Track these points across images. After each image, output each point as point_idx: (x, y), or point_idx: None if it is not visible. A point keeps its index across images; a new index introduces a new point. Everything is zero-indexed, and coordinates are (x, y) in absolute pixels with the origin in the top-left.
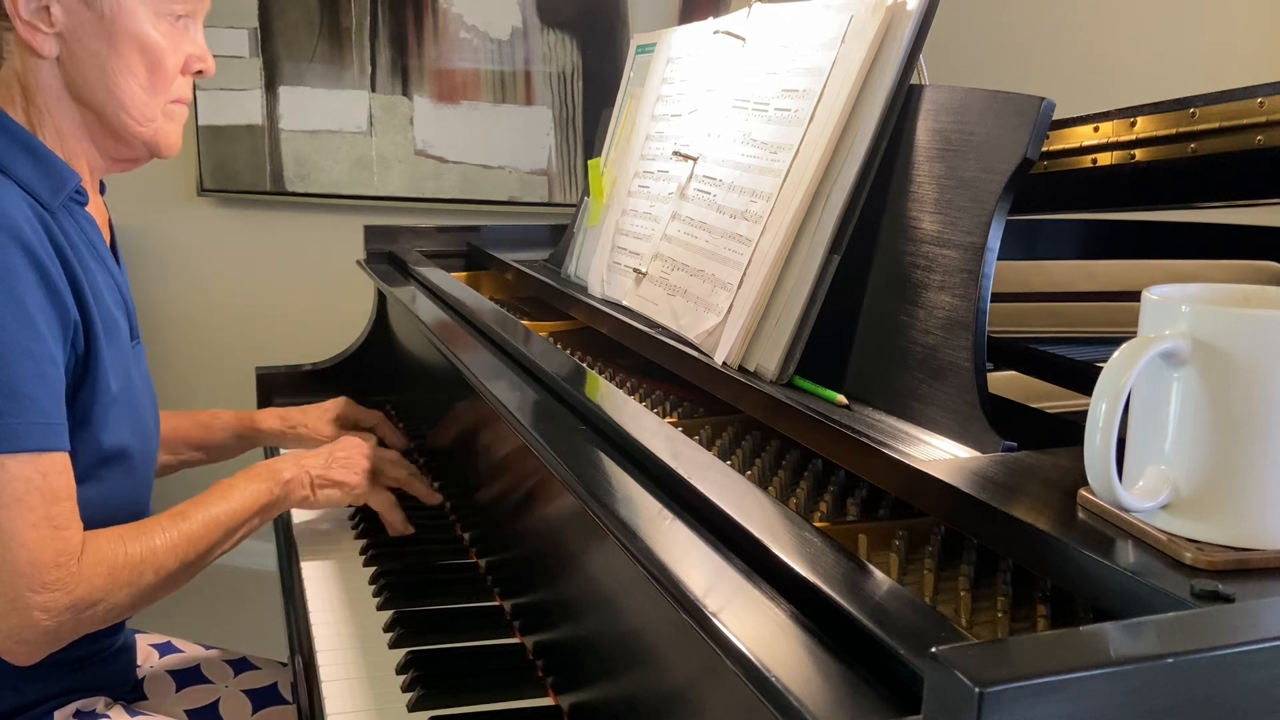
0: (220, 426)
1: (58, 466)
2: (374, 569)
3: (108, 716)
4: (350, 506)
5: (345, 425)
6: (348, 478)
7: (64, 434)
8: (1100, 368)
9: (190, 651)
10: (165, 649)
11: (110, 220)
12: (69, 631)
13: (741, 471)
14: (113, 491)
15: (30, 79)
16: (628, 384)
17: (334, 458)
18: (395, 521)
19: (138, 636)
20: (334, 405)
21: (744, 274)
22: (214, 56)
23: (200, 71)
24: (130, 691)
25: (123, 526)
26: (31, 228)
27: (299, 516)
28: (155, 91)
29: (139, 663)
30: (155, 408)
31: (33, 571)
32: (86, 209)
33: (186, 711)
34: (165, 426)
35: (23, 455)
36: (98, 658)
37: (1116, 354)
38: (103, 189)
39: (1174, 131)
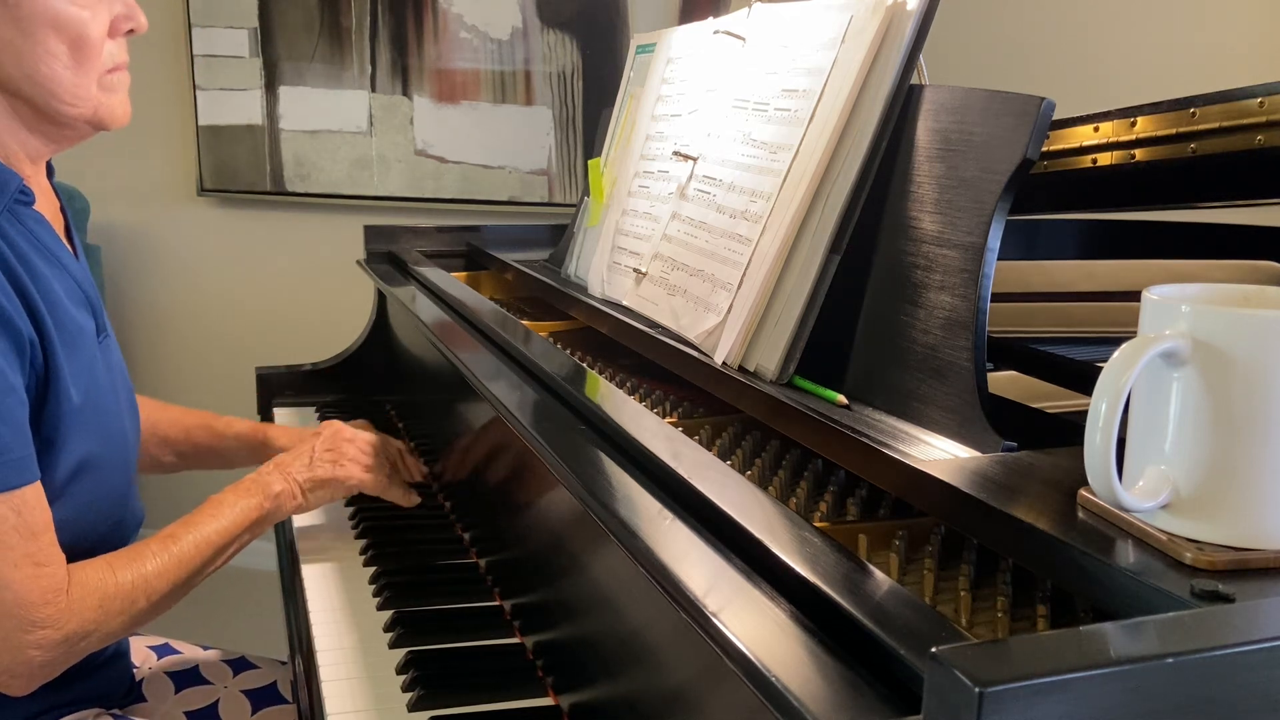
0: (233, 436)
1: (30, 501)
2: (374, 569)
3: None
4: (348, 505)
5: None
6: (335, 472)
7: (33, 465)
8: (1100, 368)
9: (188, 653)
10: (163, 650)
11: (62, 206)
12: (63, 662)
13: (741, 471)
14: (87, 504)
15: None
16: (628, 384)
17: (317, 454)
18: (397, 498)
19: (135, 639)
20: None
21: (744, 274)
22: (214, 56)
23: (132, 30)
24: (126, 695)
25: (111, 554)
26: None
27: (299, 518)
28: (83, 69)
29: (136, 664)
30: (132, 403)
31: (21, 612)
32: (34, 207)
33: (186, 713)
34: (176, 428)
35: None
36: (89, 668)
37: (1116, 354)
38: (50, 171)
39: (1174, 131)
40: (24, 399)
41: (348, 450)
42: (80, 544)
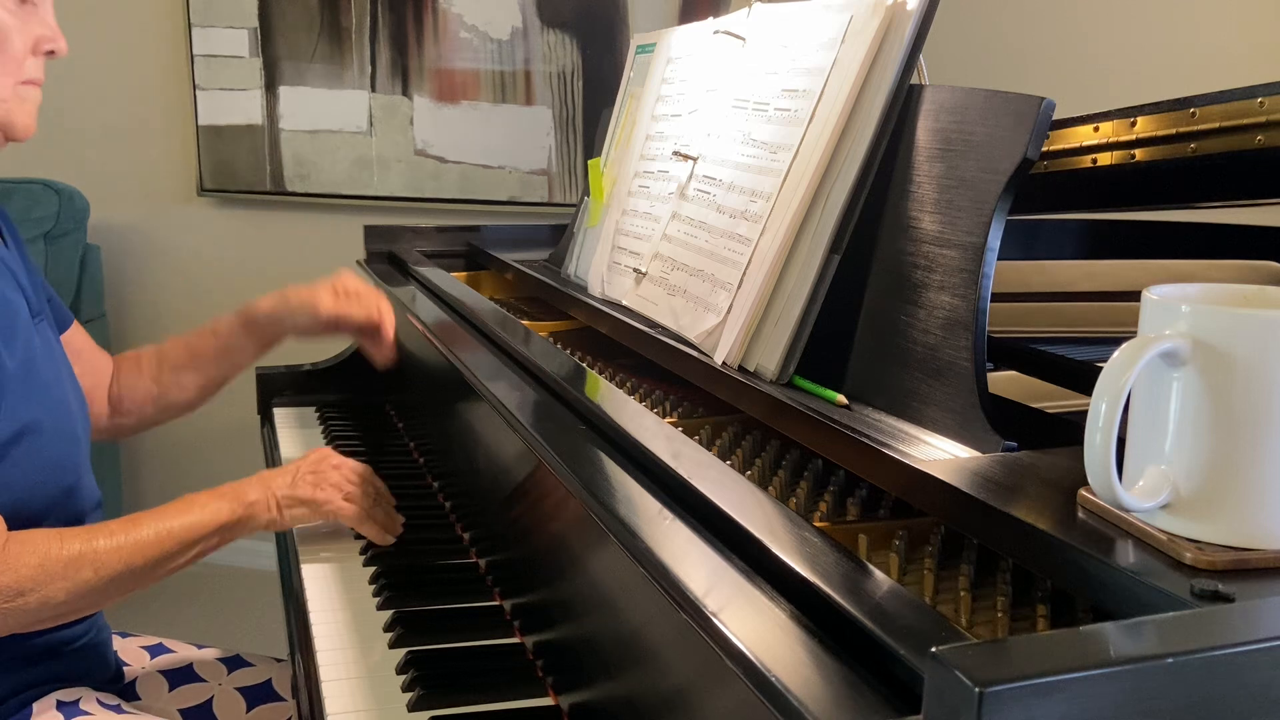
0: (225, 328)
1: None
2: (374, 569)
3: (89, 714)
4: None
5: (341, 296)
6: (315, 494)
7: None
8: (1100, 368)
9: (182, 651)
10: (156, 650)
11: None
12: (1, 618)
13: (741, 471)
14: (33, 467)
15: None
16: (628, 384)
17: (300, 474)
18: (372, 535)
19: (129, 639)
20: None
21: (744, 274)
22: (214, 56)
23: (51, 52)
24: (113, 682)
25: (67, 528)
26: None
27: None
28: (3, 72)
29: (130, 664)
30: (76, 385)
31: None
32: None
33: (180, 710)
34: (179, 353)
35: None
36: (70, 645)
37: (1116, 354)
38: None
39: (1174, 131)
40: None
41: (331, 476)
42: (27, 506)
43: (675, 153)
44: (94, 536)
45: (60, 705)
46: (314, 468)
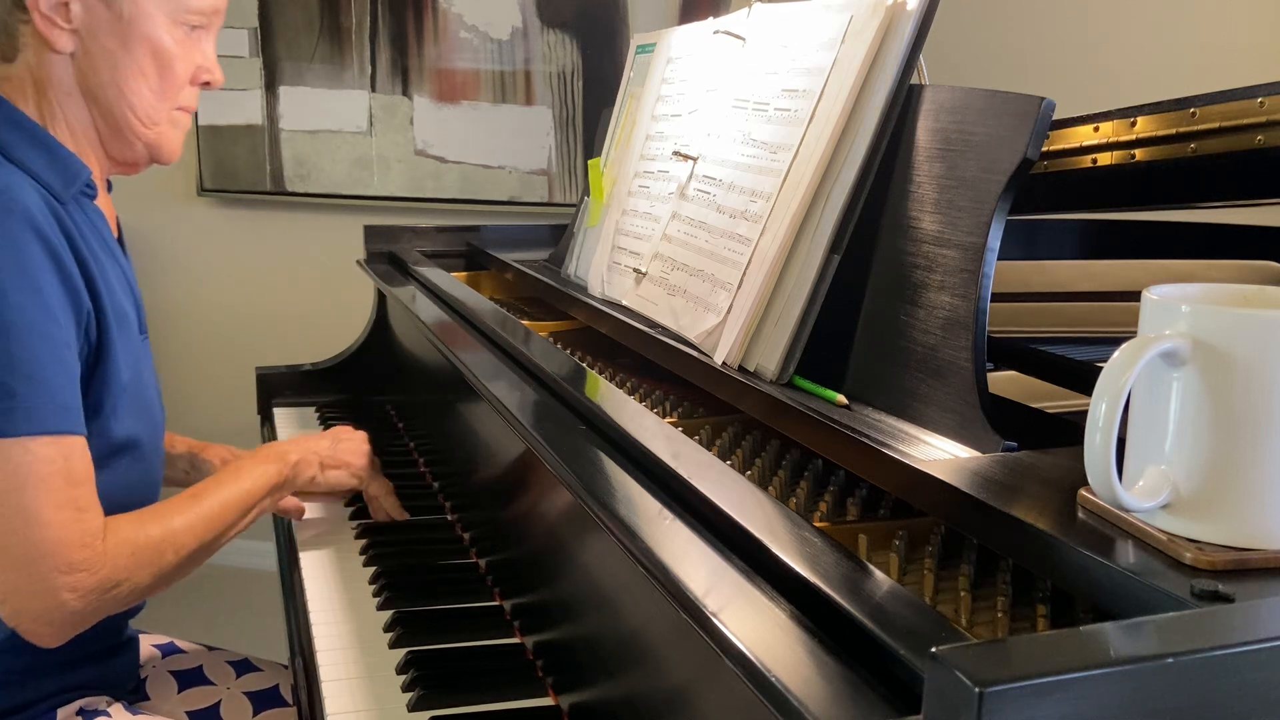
0: (176, 455)
1: (78, 450)
2: (374, 569)
3: (110, 715)
4: (349, 506)
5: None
6: (354, 459)
7: (81, 418)
8: (1100, 368)
9: (192, 652)
10: (168, 649)
11: (117, 216)
12: (94, 612)
13: (741, 471)
14: (124, 481)
15: (43, 73)
16: (628, 384)
17: (339, 440)
18: (391, 508)
19: (142, 636)
20: None
21: (744, 274)
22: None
23: (208, 83)
24: (133, 691)
25: (139, 510)
26: (44, 217)
27: None
28: (163, 95)
29: (140, 662)
30: (161, 402)
31: (59, 552)
32: (95, 203)
33: (188, 713)
34: None
35: (45, 437)
36: (101, 655)
37: (1116, 354)
38: (110, 187)
39: (1174, 131)
40: (77, 358)
41: (361, 448)
42: (111, 514)
43: (675, 153)
44: (168, 517)
45: (82, 713)
46: (350, 436)
